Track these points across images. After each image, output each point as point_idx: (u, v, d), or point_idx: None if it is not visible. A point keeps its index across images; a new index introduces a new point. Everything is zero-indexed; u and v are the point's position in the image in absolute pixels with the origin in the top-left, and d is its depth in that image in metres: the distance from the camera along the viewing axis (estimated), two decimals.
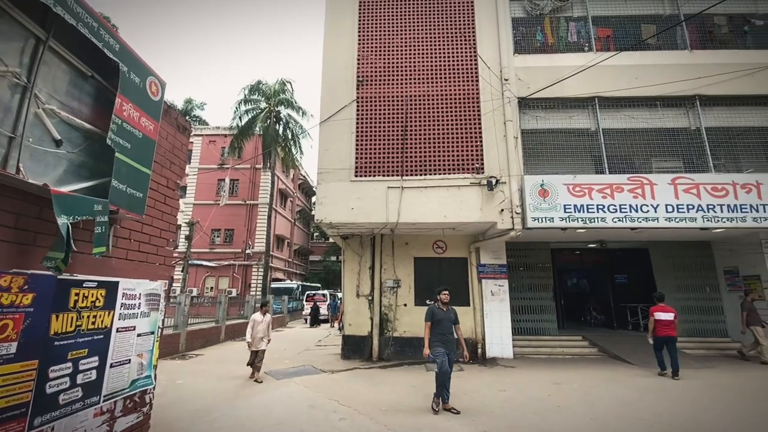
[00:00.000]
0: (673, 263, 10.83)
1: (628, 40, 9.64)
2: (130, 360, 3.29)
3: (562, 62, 9.27)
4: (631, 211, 7.91)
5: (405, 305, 9.65)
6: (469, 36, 9.41)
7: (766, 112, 9.12)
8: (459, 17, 9.54)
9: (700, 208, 7.88)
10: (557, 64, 9.25)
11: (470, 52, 9.30)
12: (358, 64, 9.36)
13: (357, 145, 8.86)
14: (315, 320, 19.57)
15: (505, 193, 8.39)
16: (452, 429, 4.60)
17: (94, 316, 2.93)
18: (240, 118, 22.85)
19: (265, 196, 26.88)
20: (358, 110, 9.08)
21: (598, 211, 7.97)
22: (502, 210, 8.32)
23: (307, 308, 23.23)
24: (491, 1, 9.61)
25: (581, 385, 6.63)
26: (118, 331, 3.15)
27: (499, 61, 9.20)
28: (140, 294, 3.37)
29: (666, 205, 7.91)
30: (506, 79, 9.04)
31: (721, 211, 7.86)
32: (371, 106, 9.10)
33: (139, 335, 3.37)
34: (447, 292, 5.57)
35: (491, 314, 9.27)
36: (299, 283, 29.11)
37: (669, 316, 7.49)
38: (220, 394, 6.17)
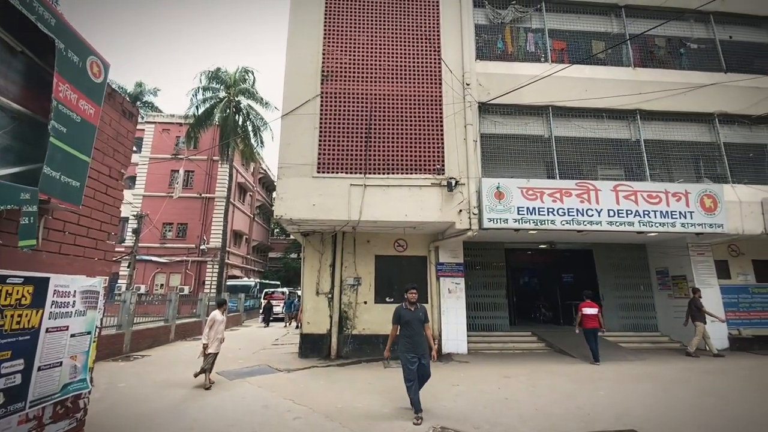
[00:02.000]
0: (613, 263, 11.72)
1: (580, 54, 10.28)
2: (61, 362, 3.04)
3: (520, 71, 9.69)
4: (577, 215, 8.45)
5: (365, 303, 9.68)
6: (434, 39, 9.58)
7: (695, 128, 10.10)
8: (425, 20, 9.67)
9: (637, 214, 8.58)
10: (516, 72, 9.66)
11: (434, 55, 9.48)
12: (323, 58, 9.22)
13: (320, 140, 8.74)
14: (268, 319, 18.71)
15: (463, 195, 8.64)
16: (406, 425, 4.68)
17: (19, 315, 2.67)
18: (197, 106, 21.74)
19: (222, 190, 25.80)
20: (322, 105, 8.95)
21: (548, 214, 8.44)
22: (461, 211, 8.56)
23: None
24: (456, 7, 9.84)
25: (528, 378, 7.00)
26: (47, 331, 2.90)
27: (461, 66, 9.44)
28: (75, 291, 3.12)
29: (608, 210, 8.54)
30: (468, 84, 9.30)
31: (655, 217, 8.61)
32: (335, 102, 9.01)
33: (72, 336, 3.12)
34: (414, 291, 5.18)
35: (448, 311, 9.54)
36: (257, 280, 28.27)
37: (594, 310, 8.68)
38: (166, 397, 5.86)
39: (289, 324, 17.97)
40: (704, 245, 10.35)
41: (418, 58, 9.41)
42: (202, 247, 25.37)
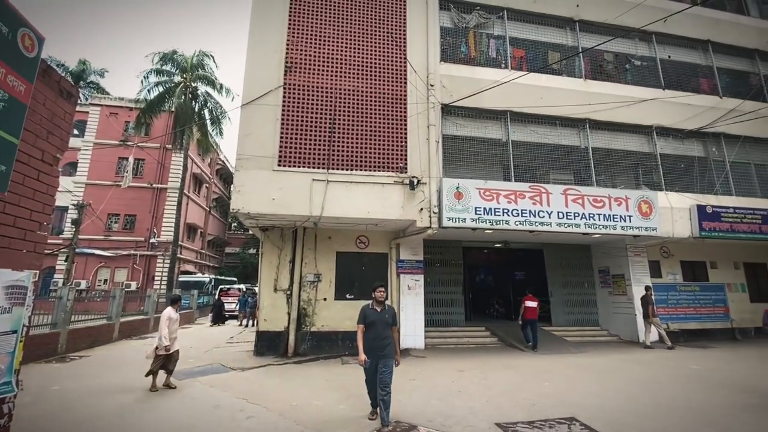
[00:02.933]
0: (561, 263, 12.48)
1: (538, 63, 10.80)
2: None
3: (482, 75, 10.01)
4: (530, 216, 8.91)
5: (325, 299, 9.60)
6: (400, 38, 9.65)
7: (636, 139, 10.97)
8: (392, 18, 9.71)
9: (583, 216, 9.19)
10: (478, 77, 9.97)
11: (400, 54, 9.55)
12: (288, 49, 9.00)
13: (282, 133, 8.53)
14: (219, 317, 17.54)
15: (425, 194, 8.81)
16: (361, 420, 4.72)
17: None
18: (149, 90, 20.39)
19: (175, 180, 24.39)
20: (284, 97, 8.73)
21: (503, 215, 8.82)
22: (422, 209, 8.73)
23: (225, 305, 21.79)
24: (422, 8, 9.97)
25: (481, 372, 7.30)
26: None
27: (426, 67, 9.60)
28: None
29: (558, 212, 9.07)
30: (432, 85, 9.47)
31: (599, 220, 9.27)
32: (299, 94, 8.83)
33: None
34: (383, 289, 4.74)
35: (407, 308, 9.69)
36: (212, 276, 27.11)
37: (534, 304, 9.77)
38: (107, 401, 5.49)
39: (243, 323, 17.20)
40: (640, 247, 11.29)
41: (384, 56, 9.43)
42: (152, 241, 23.90)
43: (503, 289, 15.58)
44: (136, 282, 23.28)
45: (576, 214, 9.14)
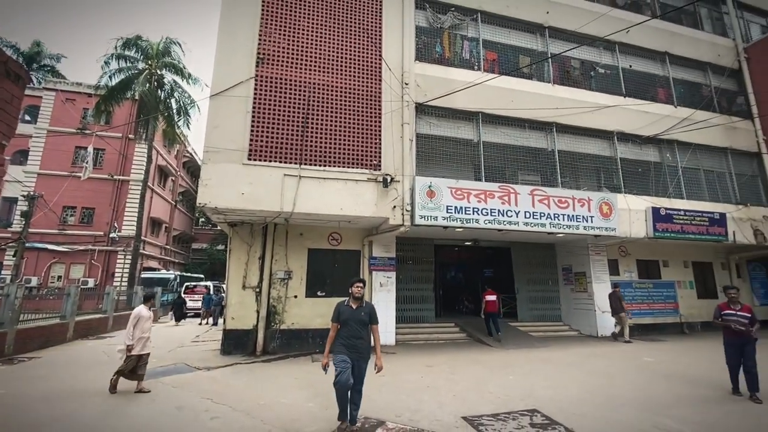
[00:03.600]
0: (528, 261, 12.94)
1: (509, 66, 11.09)
2: None
3: (455, 76, 10.17)
4: (499, 215, 9.16)
5: (295, 297, 9.48)
6: (376, 35, 9.63)
7: (598, 143, 11.51)
8: (368, 14, 9.67)
9: (549, 216, 9.55)
10: (451, 77, 10.12)
11: (376, 51, 9.53)
12: (260, 40, 8.77)
13: (253, 125, 8.32)
14: (180, 315, 16.70)
15: (398, 191, 8.87)
16: (330, 417, 4.70)
17: None
18: (111, 76, 19.23)
19: (139, 172, 23.22)
20: (256, 89, 8.52)
21: (473, 214, 9.03)
22: (395, 207, 8.78)
23: (188, 301, 21.02)
24: (398, 6, 9.99)
25: (449, 366, 7.46)
26: None
27: (401, 65, 9.63)
28: None
29: (525, 212, 9.38)
30: (406, 84, 9.52)
31: (563, 220, 9.67)
32: (271, 87, 8.63)
33: None
34: (360, 285, 4.39)
35: (378, 305, 9.62)
36: (177, 273, 26.08)
37: (493, 297, 10.51)
38: (59, 404, 5.18)
39: (207, 322, 16.46)
40: (600, 246, 11.88)
41: (359, 52, 9.39)
42: (112, 235, 22.68)
43: (473, 286, 15.97)
44: (94, 279, 22.05)
45: (542, 214, 9.49)
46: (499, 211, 9.19)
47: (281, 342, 9.09)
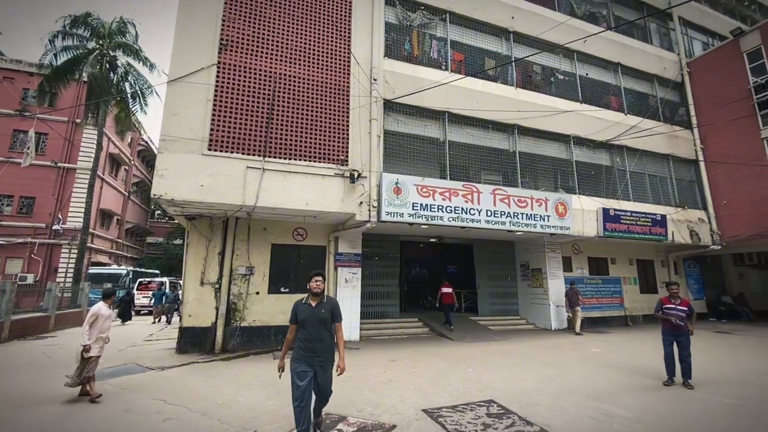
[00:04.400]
0: (489, 257, 13.40)
1: (475, 68, 11.36)
2: None
3: (423, 74, 10.28)
4: (462, 213, 9.41)
5: (257, 293, 9.24)
6: (345, 28, 9.52)
7: (556, 146, 12.09)
8: (337, 7, 9.53)
9: (509, 215, 9.93)
10: (420, 76, 10.22)
11: (345, 44, 9.42)
12: (223, 25, 8.41)
13: (214, 115, 7.98)
14: (125, 314, 15.45)
15: (365, 187, 8.86)
16: (290, 414, 4.63)
17: None
18: (56, 55, 17.66)
19: (87, 160, 21.57)
20: (218, 76, 8.17)
21: (438, 211, 9.21)
22: (362, 203, 8.77)
23: (141, 299, 19.93)
24: (368, 0, 9.92)
25: (411, 361, 7.59)
26: None
27: (370, 60, 9.60)
28: None
29: (487, 210, 9.70)
30: (375, 80, 9.51)
31: (522, 219, 10.09)
32: (235, 75, 8.31)
33: None
34: (319, 279, 3.87)
35: (343, 301, 9.67)
36: (130, 268, 24.57)
37: (449, 290, 11.34)
38: None
39: (158, 320, 15.42)
40: (556, 244, 12.53)
41: (327, 45, 9.25)
42: (55, 227, 20.95)
43: (437, 282, 16.26)
44: (34, 274, 20.30)
45: (503, 213, 9.85)
46: (462, 209, 9.43)
47: (242, 339, 8.84)
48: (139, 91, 19.18)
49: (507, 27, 11.94)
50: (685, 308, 6.07)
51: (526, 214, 10.12)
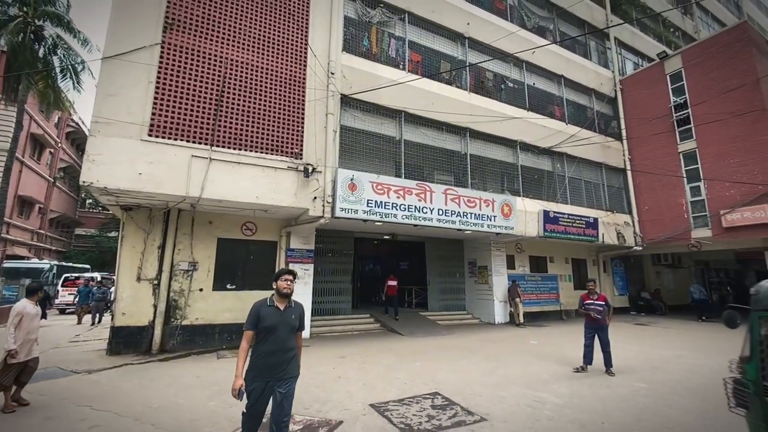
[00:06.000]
0: (439, 255, 13.84)
1: (432, 70, 11.62)
2: None
3: (381, 72, 10.33)
4: (415, 212, 9.61)
5: (201, 290, 8.77)
6: (303, 18, 9.29)
7: (504, 150, 12.73)
8: None
9: (459, 214, 10.31)
10: (377, 73, 10.25)
11: (301, 34, 9.19)
12: (169, 3, 7.83)
13: (156, 98, 7.42)
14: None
15: (319, 182, 8.73)
16: (232, 415, 4.49)
17: None
18: None
19: (4, 140, 19.12)
20: (162, 57, 7.60)
21: (393, 209, 9.33)
22: (315, 198, 8.64)
23: (66, 296, 18.11)
24: None
25: (361, 357, 7.65)
26: None
27: (327, 53, 9.46)
28: None
29: (439, 209, 9.99)
30: (332, 73, 9.39)
31: (471, 218, 10.52)
32: (181, 57, 7.79)
33: None
34: (290, 277, 3.32)
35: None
36: (55, 263, 22.17)
37: (394, 283, 12.05)
38: None
39: (81, 321, 13.79)
40: (501, 243, 13.23)
41: (283, 33, 8.96)
42: None
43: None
44: None
45: (453, 212, 10.20)
46: (416, 207, 9.63)
47: (183, 339, 8.36)
48: (69, 67, 17.28)
49: (462, 32, 12.33)
50: (602, 303, 6.71)
51: (475, 214, 10.57)
